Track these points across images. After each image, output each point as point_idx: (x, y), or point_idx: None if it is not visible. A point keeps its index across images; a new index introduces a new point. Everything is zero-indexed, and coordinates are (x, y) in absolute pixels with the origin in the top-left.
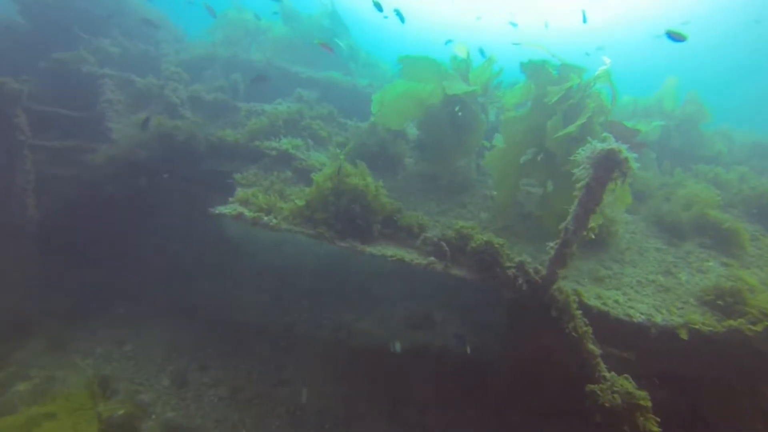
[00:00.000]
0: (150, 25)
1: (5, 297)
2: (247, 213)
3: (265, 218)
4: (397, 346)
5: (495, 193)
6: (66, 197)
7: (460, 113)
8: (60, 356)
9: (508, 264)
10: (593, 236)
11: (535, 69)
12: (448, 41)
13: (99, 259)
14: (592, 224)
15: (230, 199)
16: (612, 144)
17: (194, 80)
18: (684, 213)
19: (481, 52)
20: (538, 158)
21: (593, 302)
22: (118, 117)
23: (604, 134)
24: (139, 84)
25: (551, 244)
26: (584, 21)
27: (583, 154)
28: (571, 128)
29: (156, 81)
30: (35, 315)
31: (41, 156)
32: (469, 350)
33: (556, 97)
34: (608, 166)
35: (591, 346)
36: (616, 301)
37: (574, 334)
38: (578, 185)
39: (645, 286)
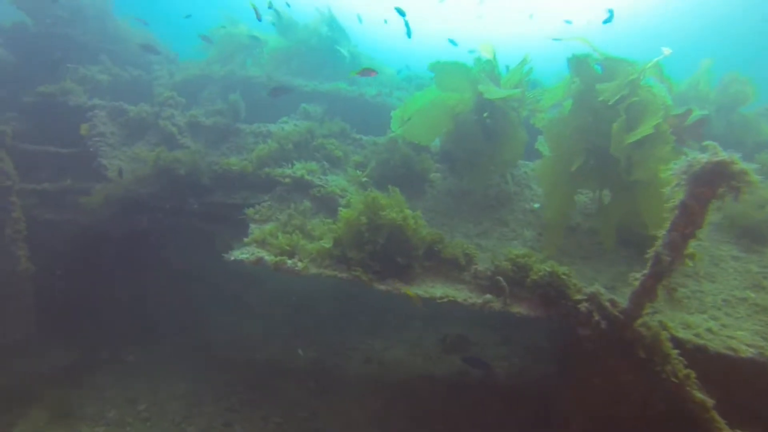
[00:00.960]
0: (150, 51)
1: (3, 359)
2: (267, 257)
3: (289, 262)
4: None
5: (542, 207)
6: (62, 243)
7: (491, 120)
8: (66, 426)
9: (577, 297)
10: (691, 264)
11: (580, 64)
12: (471, 50)
13: (102, 306)
14: (689, 251)
15: (245, 239)
16: (721, 154)
17: (191, 103)
18: (758, 213)
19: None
20: (589, 164)
21: (684, 334)
22: (112, 151)
23: (707, 142)
24: (131, 113)
25: (636, 275)
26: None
27: (678, 168)
28: (646, 130)
29: (150, 108)
30: (36, 377)
31: (31, 200)
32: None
33: (614, 95)
34: (714, 180)
35: (698, 395)
36: (710, 330)
37: (673, 379)
38: (670, 205)
39: (735, 306)
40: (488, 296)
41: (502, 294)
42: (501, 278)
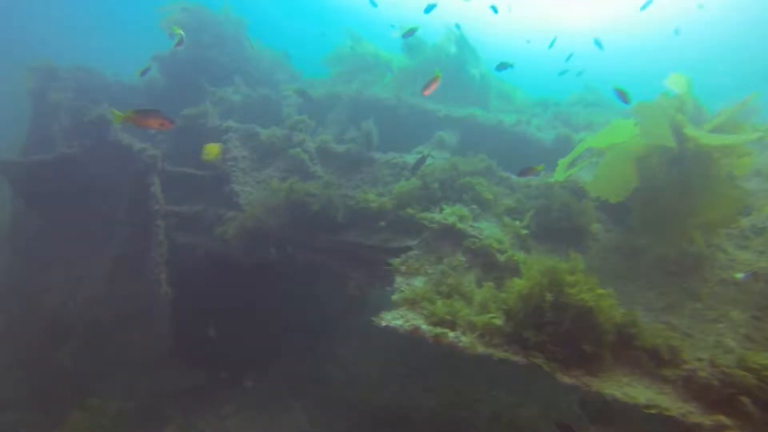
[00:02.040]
0: (304, 97)
1: (138, 380)
2: (425, 327)
3: (451, 335)
4: None
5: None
6: (194, 266)
7: (694, 171)
8: None
9: None
10: None
11: None
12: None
13: (226, 331)
14: None
15: (393, 297)
16: None
17: (318, 124)
18: None
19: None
20: None
21: None
22: (244, 176)
23: None
24: (263, 136)
25: None
26: None
27: None
28: None
29: (280, 132)
30: (164, 397)
31: (170, 221)
32: None
33: None
34: None
35: None
36: None
37: None
38: None
39: None
40: (721, 419)
41: (742, 420)
42: (745, 398)
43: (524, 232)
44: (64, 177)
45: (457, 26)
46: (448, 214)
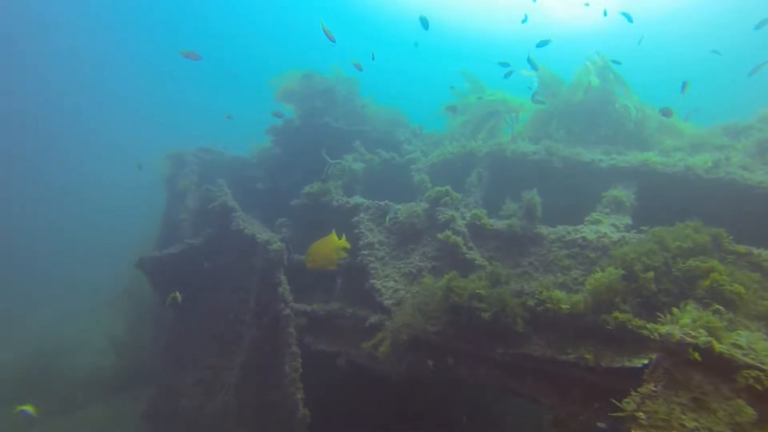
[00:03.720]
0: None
1: None
2: None
3: None
4: None
5: None
6: (334, 382)
7: None
8: None
9: None
10: None
11: None
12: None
13: None
14: None
15: None
16: None
17: (456, 191)
18: None
19: None
20: None
21: None
22: (383, 267)
23: None
24: (401, 216)
25: None
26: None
27: None
28: None
29: (420, 209)
30: None
31: (299, 321)
32: None
33: None
34: None
35: None
36: None
37: None
38: None
39: None
40: None
41: None
42: None
43: None
44: (191, 270)
45: (598, 53)
46: (688, 325)
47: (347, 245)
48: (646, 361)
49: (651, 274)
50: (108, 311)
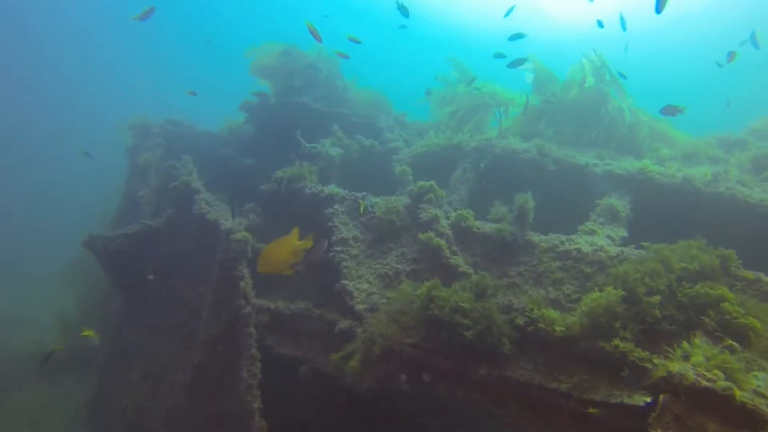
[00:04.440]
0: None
1: None
2: None
3: None
4: None
5: None
6: (296, 391)
7: None
8: None
9: None
10: None
11: None
12: None
13: None
14: None
15: None
16: None
17: (440, 186)
18: None
19: None
20: None
21: None
22: (357, 267)
23: None
24: (379, 211)
25: None
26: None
27: None
28: None
29: (400, 204)
30: None
31: (261, 318)
32: None
33: None
34: None
35: None
36: None
37: None
38: None
39: None
40: None
41: None
42: None
43: None
44: (148, 254)
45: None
46: (701, 365)
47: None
48: (648, 399)
49: (657, 298)
50: (59, 286)
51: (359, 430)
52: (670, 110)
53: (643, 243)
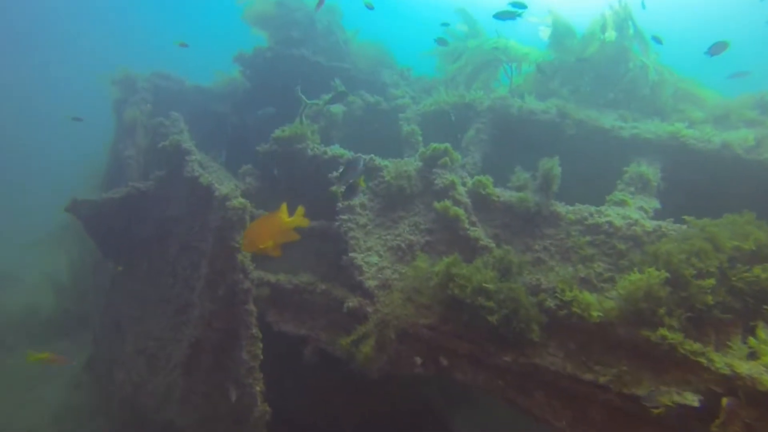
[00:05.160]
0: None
1: None
2: None
3: None
4: None
5: None
6: (300, 372)
7: None
8: None
9: None
10: None
11: None
12: None
13: None
14: None
15: None
16: None
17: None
18: None
19: None
20: None
21: None
22: (366, 238)
23: None
24: (388, 176)
25: None
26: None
27: None
28: None
29: (411, 168)
30: None
31: (261, 292)
32: None
33: None
34: None
35: None
36: None
37: None
38: None
39: None
40: None
41: None
42: None
43: None
44: (137, 219)
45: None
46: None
47: (304, 223)
48: (699, 399)
49: (711, 281)
50: (49, 246)
51: (370, 412)
52: (717, 48)
53: (685, 216)
